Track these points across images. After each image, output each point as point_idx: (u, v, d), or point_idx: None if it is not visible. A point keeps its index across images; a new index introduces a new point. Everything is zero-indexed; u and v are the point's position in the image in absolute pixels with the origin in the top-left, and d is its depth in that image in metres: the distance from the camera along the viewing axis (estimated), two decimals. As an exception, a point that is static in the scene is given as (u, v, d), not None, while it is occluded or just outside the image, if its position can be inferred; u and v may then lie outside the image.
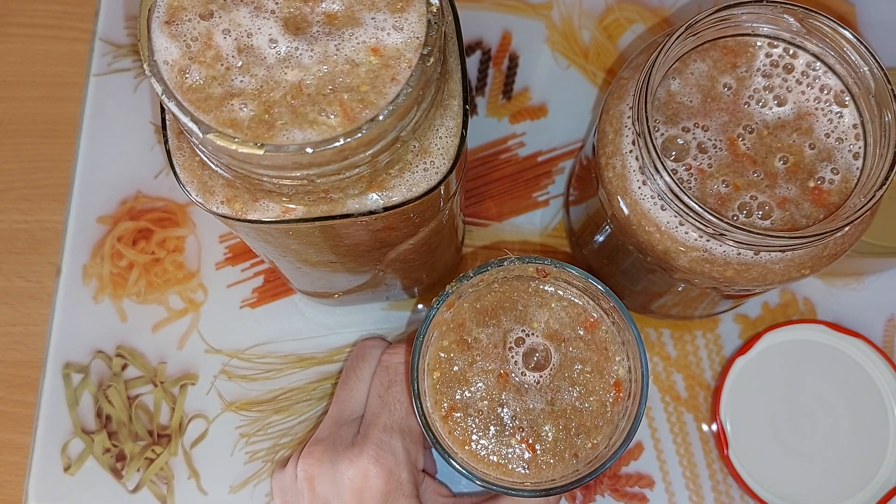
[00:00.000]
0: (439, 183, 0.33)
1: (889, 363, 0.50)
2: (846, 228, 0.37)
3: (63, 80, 0.58)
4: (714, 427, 0.51)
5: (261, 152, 0.28)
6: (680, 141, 0.39)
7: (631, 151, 0.39)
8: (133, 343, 0.53)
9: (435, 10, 0.30)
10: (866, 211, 0.35)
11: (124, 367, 0.52)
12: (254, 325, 0.53)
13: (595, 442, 0.39)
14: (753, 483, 0.49)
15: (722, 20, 0.39)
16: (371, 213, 0.32)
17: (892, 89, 0.37)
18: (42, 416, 0.52)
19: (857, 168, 0.39)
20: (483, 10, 0.59)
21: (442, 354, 0.40)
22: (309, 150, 0.28)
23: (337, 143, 0.28)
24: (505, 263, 0.40)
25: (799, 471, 0.50)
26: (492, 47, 0.58)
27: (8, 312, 0.54)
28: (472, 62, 0.58)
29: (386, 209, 0.32)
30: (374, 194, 0.32)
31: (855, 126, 0.39)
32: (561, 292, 0.41)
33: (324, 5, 0.30)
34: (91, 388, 0.52)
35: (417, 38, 0.30)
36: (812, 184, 0.39)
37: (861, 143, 0.39)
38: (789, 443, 0.50)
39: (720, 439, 0.50)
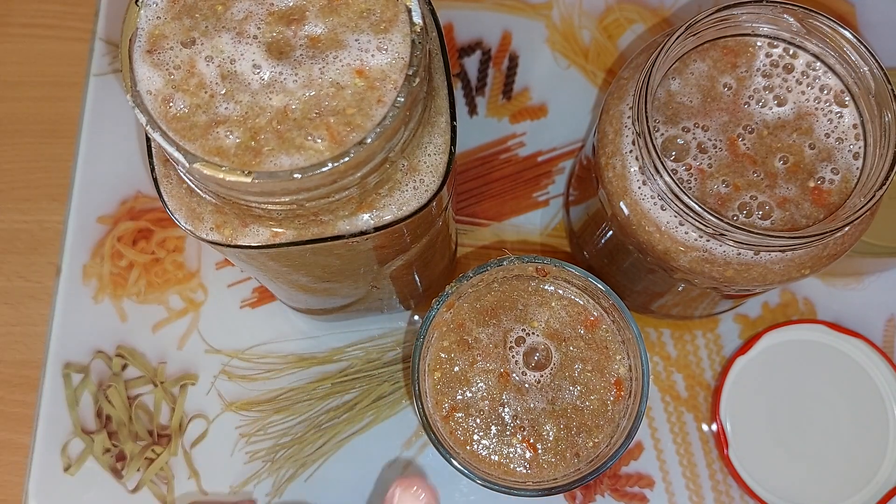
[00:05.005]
0: (430, 200, 0.33)
1: (889, 363, 0.50)
2: (846, 228, 0.37)
3: (63, 80, 0.58)
4: (714, 427, 0.51)
5: (248, 180, 0.28)
6: (680, 141, 0.39)
7: (631, 151, 0.39)
8: (133, 343, 0.53)
9: (419, 30, 0.30)
10: (866, 211, 0.36)
11: (124, 367, 0.52)
12: (254, 325, 0.53)
13: (596, 441, 0.39)
14: (753, 483, 0.49)
15: (722, 20, 0.39)
16: (362, 233, 0.32)
17: (892, 89, 0.37)
18: (42, 416, 0.52)
19: (857, 168, 0.39)
20: (483, 10, 0.59)
21: (443, 355, 0.40)
22: (297, 175, 0.28)
23: (325, 168, 0.28)
24: (504, 263, 0.40)
25: (799, 471, 0.50)
26: (492, 47, 0.58)
27: (8, 312, 0.54)
28: (472, 62, 0.58)
29: (377, 229, 0.32)
30: (364, 215, 0.32)
31: (855, 126, 0.39)
32: (561, 291, 0.41)
33: (307, 28, 0.30)
34: (91, 388, 0.52)
35: (402, 58, 0.30)
36: (812, 184, 0.39)
37: (861, 143, 0.39)
38: (789, 443, 0.50)
39: (720, 439, 0.50)
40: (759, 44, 0.40)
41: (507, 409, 0.40)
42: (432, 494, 0.37)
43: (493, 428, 0.39)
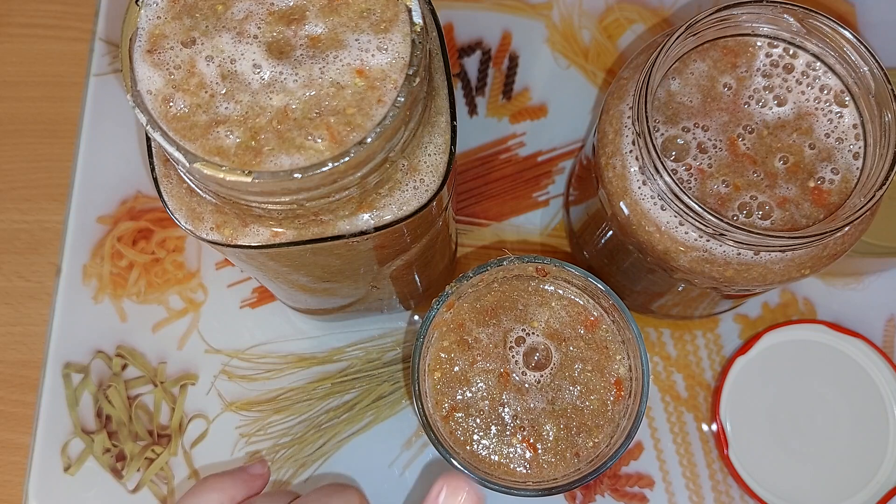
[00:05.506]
0: (430, 200, 0.33)
1: (889, 363, 0.50)
2: (846, 228, 0.37)
3: (63, 80, 0.58)
4: (714, 427, 0.51)
5: (248, 179, 0.28)
6: (680, 141, 0.39)
7: (631, 151, 0.39)
8: (133, 343, 0.53)
9: (419, 30, 0.30)
10: (866, 211, 0.36)
11: (124, 367, 0.52)
12: (254, 325, 0.53)
13: (596, 441, 0.39)
14: (753, 483, 0.49)
15: (722, 20, 0.39)
16: (362, 233, 0.32)
17: (892, 89, 0.37)
18: (42, 416, 0.52)
19: (857, 168, 0.39)
20: (483, 10, 0.59)
21: (443, 355, 0.40)
22: (297, 175, 0.28)
23: (325, 168, 0.28)
24: (504, 263, 0.40)
25: (799, 471, 0.50)
26: (492, 47, 0.58)
27: (8, 312, 0.54)
28: (473, 62, 0.58)
29: (377, 229, 0.32)
30: (364, 215, 0.32)
31: (855, 126, 0.39)
32: (561, 291, 0.41)
33: (307, 28, 0.30)
34: (91, 388, 0.52)
35: (402, 58, 0.30)
36: (812, 184, 0.39)
37: (861, 143, 0.39)
38: (789, 443, 0.50)
39: (720, 439, 0.50)
40: (759, 44, 0.40)
41: (507, 409, 0.40)
42: (479, 498, 0.36)
43: (493, 428, 0.40)
